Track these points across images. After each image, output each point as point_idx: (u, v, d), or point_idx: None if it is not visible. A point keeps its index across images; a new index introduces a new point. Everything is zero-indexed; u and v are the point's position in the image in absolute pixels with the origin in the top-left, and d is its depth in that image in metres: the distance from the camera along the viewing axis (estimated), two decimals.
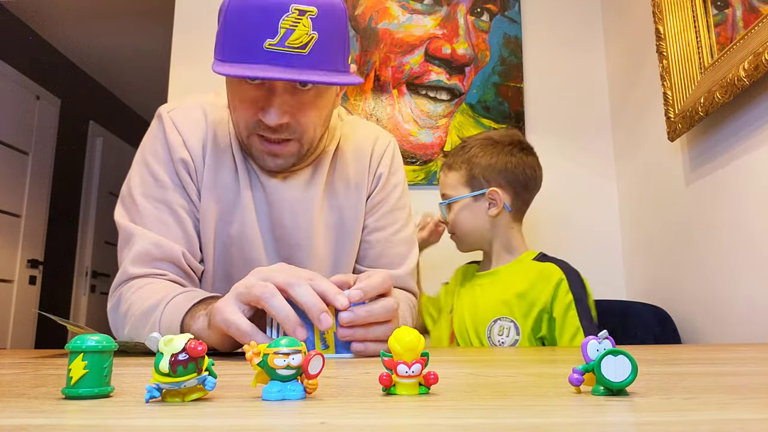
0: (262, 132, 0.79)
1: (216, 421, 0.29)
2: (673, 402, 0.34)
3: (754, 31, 1.04)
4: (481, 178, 1.21)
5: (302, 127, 0.79)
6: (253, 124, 0.79)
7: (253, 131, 0.80)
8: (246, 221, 0.86)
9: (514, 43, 1.86)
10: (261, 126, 0.78)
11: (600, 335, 0.38)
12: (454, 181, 1.24)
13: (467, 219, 1.23)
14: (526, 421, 0.29)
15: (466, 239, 1.26)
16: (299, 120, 0.78)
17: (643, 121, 1.60)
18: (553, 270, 1.13)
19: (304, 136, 0.80)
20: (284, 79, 0.71)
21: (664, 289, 1.48)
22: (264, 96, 0.76)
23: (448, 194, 1.25)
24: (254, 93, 0.77)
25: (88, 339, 0.35)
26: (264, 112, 0.76)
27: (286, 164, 0.83)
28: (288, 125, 0.78)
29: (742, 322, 1.14)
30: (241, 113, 0.79)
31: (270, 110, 0.75)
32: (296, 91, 0.77)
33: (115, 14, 3.27)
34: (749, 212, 1.11)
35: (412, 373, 0.36)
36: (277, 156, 0.81)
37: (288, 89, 0.76)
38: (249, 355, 0.35)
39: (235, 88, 0.79)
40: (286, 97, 0.76)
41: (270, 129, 0.78)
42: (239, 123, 0.81)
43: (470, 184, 1.22)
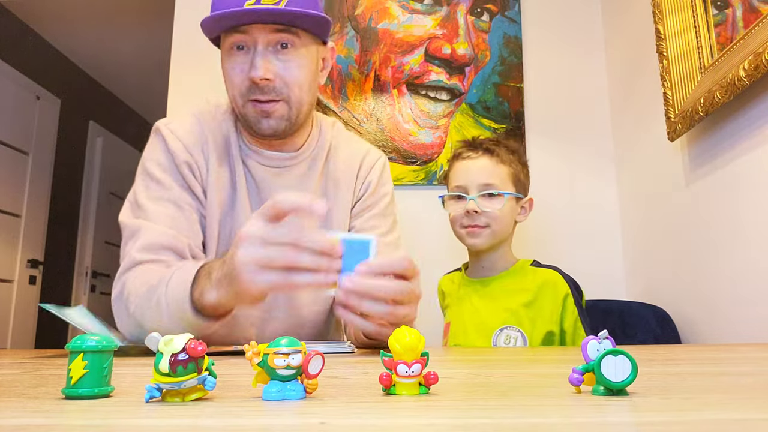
0: (255, 96, 0.87)
1: (216, 421, 0.29)
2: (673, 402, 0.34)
3: (754, 31, 1.04)
4: (523, 184, 1.24)
5: (288, 87, 0.88)
6: (246, 89, 0.87)
7: (246, 97, 0.88)
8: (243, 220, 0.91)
9: (514, 43, 1.86)
10: (252, 89, 0.87)
11: (600, 335, 0.38)
12: (505, 175, 1.21)
13: (508, 218, 1.21)
14: (526, 421, 0.29)
15: (496, 237, 1.20)
16: (284, 78, 0.87)
17: (643, 121, 1.60)
18: (557, 280, 1.17)
19: (291, 95, 0.88)
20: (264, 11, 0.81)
21: (664, 289, 1.48)
22: (249, 59, 0.86)
23: (496, 185, 1.19)
24: (242, 58, 0.87)
25: (88, 339, 0.36)
26: (252, 71, 0.85)
27: (278, 126, 0.89)
28: (273, 84, 0.86)
29: (742, 322, 1.14)
30: (234, 81, 0.88)
31: (255, 65, 0.85)
32: (277, 51, 0.87)
33: (115, 14, 3.27)
34: (749, 212, 1.11)
35: (412, 373, 0.36)
36: (269, 116, 0.88)
37: (269, 49, 0.86)
38: (249, 355, 0.35)
39: (226, 61, 0.89)
40: (269, 56, 0.86)
41: (259, 90, 0.86)
42: (235, 93, 0.89)
43: (516, 185, 1.22)
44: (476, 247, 1.21)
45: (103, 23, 3.38)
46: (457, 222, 1.22)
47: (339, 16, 1.89)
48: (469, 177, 1.20)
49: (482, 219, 1.18)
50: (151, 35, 3.37)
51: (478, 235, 1.19)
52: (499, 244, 1.22)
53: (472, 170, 1.20)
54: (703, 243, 1.28)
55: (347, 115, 1.82)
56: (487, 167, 1.20)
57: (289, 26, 0.86)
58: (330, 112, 1.83)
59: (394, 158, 1.80)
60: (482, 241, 1.19)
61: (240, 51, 0.87)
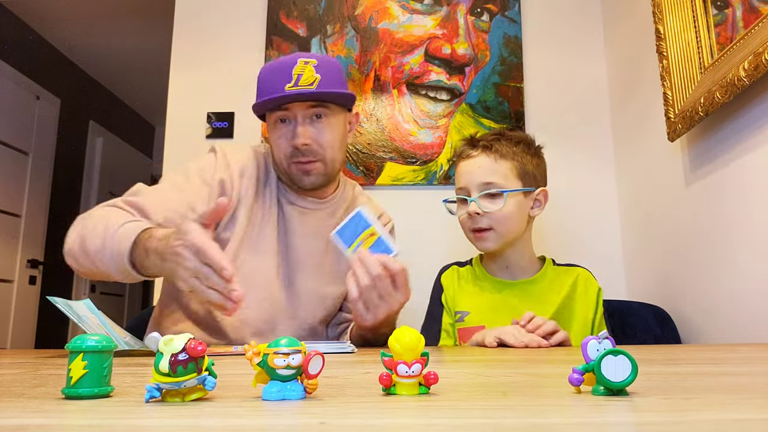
0: (297, 159, 1.05)
1: (216, 421, 0.29)
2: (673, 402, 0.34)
3: (754, 31, 1.04)
4: (532, 175, 1.16)
5: (323, 148, 1.06)
6: (290, 153, 1.05)
7: (291, 160, 1.06)
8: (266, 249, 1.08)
9: (514, 43, 1.86)
10: (295, 153, 1.05)
11: (600, 335, 0.38)
12: (506, 170, 1.14)
13: (516, 216, 1.14)
14: (526, 421, 0.29)
15: (504, 238, 1.14)
16: (319, 142, 1.06)
17: (643, 121, 1.60)
18: (588, 277, 1.17)
19: (326, 155, 1.07)
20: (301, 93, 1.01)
21: (664, 289, 1.48)
22: (291, 129, 1.05)
23: (497, 183, 1.13)
24: (285, 129, 1.06)
25: (87, 339, 0.36)
26: (294, 139, 1.04)
27: (317, 181, 1.08)
28: (311, 148, 1.05)
29: (742, 322, 1.14)
30: (279, 147, 1.06)
31: (297, 134, 1.04)
32: (313, 121, 1.06)
33: (115, 14, 3.27)
34: (749, 212, 1.11)
35: (412, 373, 0.36)
36: (309, 174, 1.06)
37: (306, 120, 1.05)
38: (249, 354, 0.35)
39: (272, 132, 1.08)
40: (307, 126, 1.05)
41: (301, 153, 1.04)
42: (280, 157, 1.07)
43: (522, 178, 1.14)
44: (487, 250, 1.18)
45: (103, 23, 3.38)
46: (465, 226, 1.18)
47: (339, 16, 1.89)
48: (469, 177, 1.16)
49: (485, 221, 1.13)
50: (151, 35, 3.37)
51: (485, 239, 1.14)
52: (514, 242, 1.17)
53: (471, 170, 1.16)
54: (703, 243, 1.28)
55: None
56: (485, 165, 1.14)
57: (321, 102, 1.05)
58: None
59: (394, 158, 1.80)
60: (490, 244, 1.15)
61: (283, 123, 1.06)
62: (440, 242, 1.73)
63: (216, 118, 1.88)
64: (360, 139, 1.82)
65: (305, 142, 1.03)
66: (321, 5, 1.90)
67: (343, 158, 1.13)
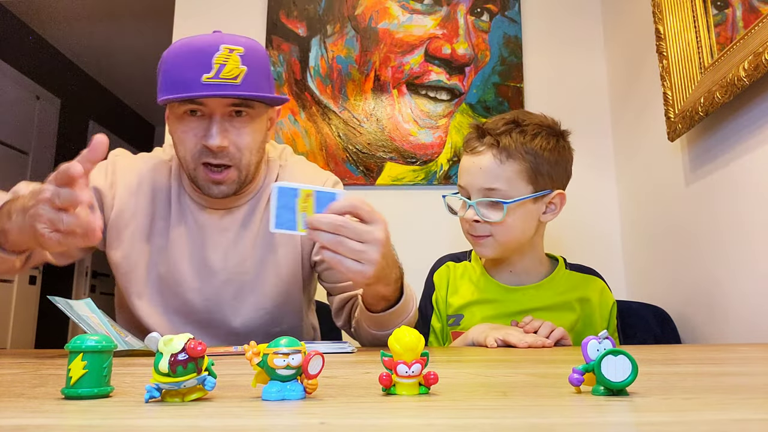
0: (206, 159, 0.89)
1: (216, 421, 0.29)
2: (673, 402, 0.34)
3: (754, 31, 1.04)
4: (547, 177, 1.02)
5: (240, 152, 0.90)
6: (198, 153, 0.89)
7: (198, 161, 0.90)
8: (176, 261, 0.96)
9: (514, 43, 1.86)
10: (204, 153, 0.89)
11: (600, 335, 0.38)
12: (513, 174, 1.00)
13: (519, 224, 1.02)
14: (526, 421, 0.29)
15: (505, 246, 1.04)
16: (237, 144, 0.89)
17: (643, 121, 1.60)
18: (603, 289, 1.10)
19: (242, 161, 0.91)
20: (225, 95, 0.84)
21: (664, 289, 1.48)
22: (205, 125, 0.88)
23: (501, 190, 1.00)
24: (196, 123, 0.89)
25: (87, 339, 0.35)
26: (207, 137, 0.87)
27: (229, 191, 0.92)
28: (227, 150, 0.89)
29: (742, 322, 1.14)
30: (185, 144, 0.90)
31: (212, 133, 0.87)
32: (232, 119, 0.89)
33: (115, 14, 3.27)
34: (749, 212, 1.11)
35: (412, 373, 0.36)
36: (220, 183, 0.91)
37: (225, 116, 0.88)
38: (249, 355, 0.35)
39: (178, 124, 0.91)
40: (225, 123, 0.88)
41: (212, 154, 0.88)
42: (185, 155, 0.91)
43: (534, 182, 1.01)
44: (486, 257, 1.09)
45: (103, 23, 3.38)
46: (463, 227, 1.08)
47: (339, 16, 1.89)
48: (469, 178, 1.03)
49: (484, 228, 1.02)
50: (151, 35, 3.37)
51: (483, 245, 1.04)
52: (519, 249, 1.07)
53: (474, 171, 1.02)
54: (703, 243, 1.28)
55: (347, 115, 1.82)
56: (489, 168, 1.00)
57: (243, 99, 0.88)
58: (330, 112, 1.83)
59: (394, 158, 1.80)
60: (489, 251, 1.04)
61: (193, 116, 0.89)
62: (440, 242, 1.72)
63: None
64: (360, 139, 1.82)
65: (221, 145, 0.87)
66: (321, 5, 1.90)
67: (261, 159, 0.97)
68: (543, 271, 1.11)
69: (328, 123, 1.82)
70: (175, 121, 0.92)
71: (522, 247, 1.07)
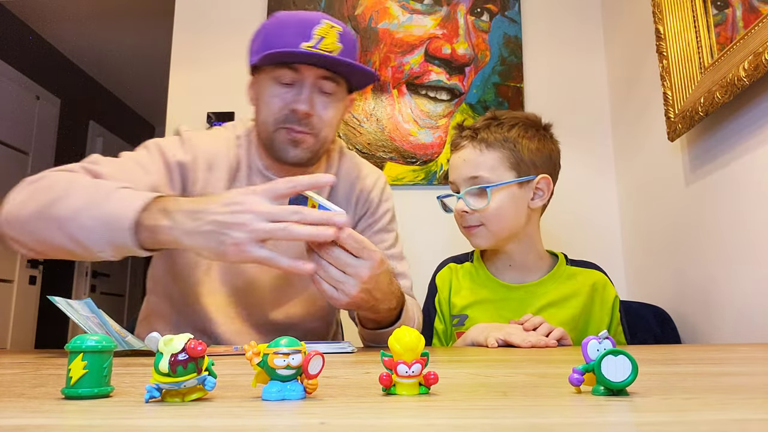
0: (289, 125, 0.93)
1: (216, 421, 0.29)
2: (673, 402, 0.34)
3: (754, 31, 1.04)
4: (529, 163, 1.05)
5: (321, 123, 0.94)
6: (283, 117, 0.93)
7: (280, 125, 0.94)
8: None
9: (514, 43, 1.86)
10: (290, 118, 0.93)
11: (600, 335, 0.38)
12: (494, 161, 1.04)
13: (508, 210, 1.04)
14: (526, 421, 0.29)
15: (498, 234, 1.05)
16: (320, 115, 0.94)
17: (643, 121, 1.60)
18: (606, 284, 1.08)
19: (321, 132, 0.95)
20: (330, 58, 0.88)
21: (664, 289, 1.48)
22: (294, 92, 0.93)
23: (484, 177, 1.03)
24: (285, 90, 0.93)
25: (87, 339, 0.35)
26: (296, 102, 0.92)
27: (304, 155, 0.95)
28: (311, 119, 0.93)
29: (742, 322, 1.14)
30: (271, 107, 0.94)
31: (302, 98, 0.92)
32: (320, 93, 0.94)
33: (115, 14, 3.27)
34: (749, 212, 1.11)
35: (412, 373, 0.36)
36: (298, 145, 0.94)
37: (315, 88, 0.93)
38: (249, 355, 0.35)
39: (266, 88, 0.94)
40: (314, 94, 0.93)
41: (297, 120, 0.92)
42: (268, 119, 0.95)
43: (516, 168, 1.04)
44: (480, 247, 1.10)
45: (103, 23, 3.38)
46: (457, 222, 1.11)
47: (339, 16, 1.89)
48: (456, 172, 1.08)
49: (474, 218, 1.05)
50: (151, 35, 3.37)
51: (476, 235, 1.07)
52: (515, 237, 1.07)
53: (458, 164, 1.07)
54: (703, 243, 1.28)
55: (347, 115, 1.82)
56: (470, 158, 1.05)
57: (335, 74, 0.93)
58: None
59: (394, 158, 1.80)
60: (483, 241, 1.07)
61: (284, 84, 0.93)
62: (441, 242, 1.72)
63: (216, 118, 1.88)
64: (360, 139, 1.82)
65: (309, 112, 0.92)
66: (321, 5, 1.90)
67: (333, 138, 1.03)
68: (544, 267, 1.11)
69: None
70: (264, 87, 0.95)
71: (516, 235, 1.08)
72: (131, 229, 0.70)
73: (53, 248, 0.77)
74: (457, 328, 1.10)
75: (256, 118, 0.99)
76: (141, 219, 0.70)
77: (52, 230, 0.74)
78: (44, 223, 0.75)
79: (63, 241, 0.74)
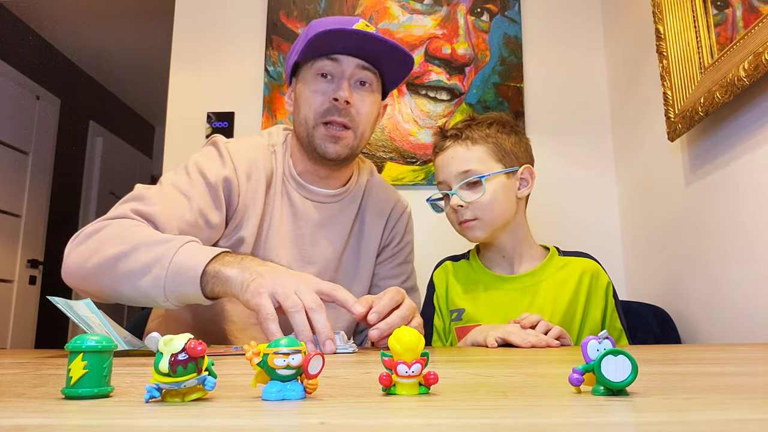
0: (331, 117, 0.97)
1: (216, 421, 0.29)
2: (673, 402, 0.34)
3: (754, 31, 1.04)
4: (512, 154, 1.10)
5: (359, 116, 0.99)
6: (323, 111, 0.97)
7: (320, 120, 0.98)
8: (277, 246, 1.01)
9: (514, 43, 1.86)
10: (330, 110, 0.97)
11: (600, 335, 0.38)
12: (482, 154, 1.09)
13: (501, 199, 1.08)
14: (526, 421, 0.29)
15: (493, 224, 1.09)
16: (359, 108, 0.99)
17: (643, 121, 1.60)
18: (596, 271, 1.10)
19: (359, 126, 1.00)
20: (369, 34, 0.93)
21: (664, 289, 1.48)
22: (334, 85, 0.98)
23: (475, 169, 1.08)
24: (326, 85, 0.98)
25: (87, 339, 0.35)
26: (336, 91, 0.96)
27: (343, 152, 0.99)
28: (350, 110, 0.97)
29: (742, 322, 1.14)
30: (312, 103, 0.98)
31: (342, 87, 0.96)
32: (359, 87, 0.99)
33: (116, 14, 3.27)
34: (749, 212, 1.11)
35: (412, 373, 0.36)
36: (337, 141, 0.98)
37: (352, 81, 0.98)
38: (249, 355, 0.35)
39: (307, 85, 0.99)
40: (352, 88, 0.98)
41: (337, 111, 0.97)
42: (309, 114, 0.99)
43: (502, 160, 1.09)
44: (477, 240, 1.13)
45: (103, 23, 3.38)
46: (451, 220, 1.14)
47: None
48: (446, 170, 1.11)
49: (469, 212, 1.08)
50: (151, 35, 3.37)
51: (472, 228, 1.09)
52: (506, 226, 1.11)
53: (447, 162, 1.11)
54: (704, 243, 1.28)
55: None
56: (459, 154, 1.10)
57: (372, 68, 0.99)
58: None
59: (394, 158, 1.80)
60: (479, 233, 1.10)
61: (323, 79, 0.98)
62: (440, 242, 1.72)
63: (216, 118, 1.88)
64: None
65: (348, 99, 0.96)
66: (321, 5, 1.90)
67: (369, 138, 1.06)
68: (536, 258, 1.14)
69: None
70: (305, 85, 1.00)
71: (508, 224, 1.12)
72: (197, 280, 0.77)
73: (117, 298, 0.83)
74: (455, 323, 1.12)
75: (295, 119, 1.03)
76: (206, 270, 0.77)
77: (120, 284, 0.81)
78: (109, 278, 0.81)
79: (130, 293, 0.81)
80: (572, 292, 1.08)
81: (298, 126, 1.02)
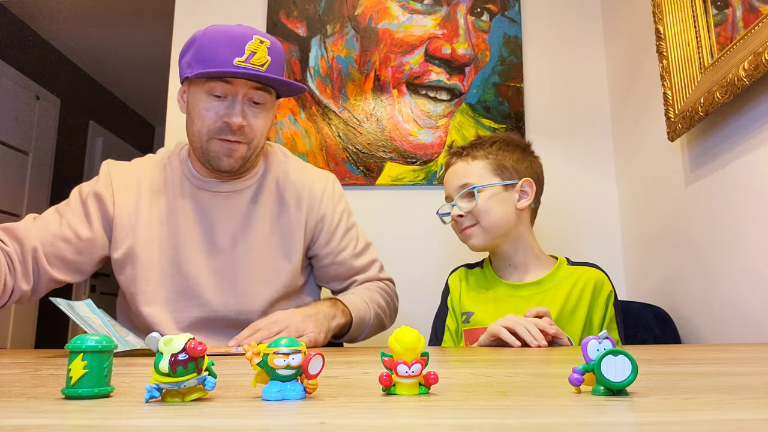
0: (222, 136, 1.01)
1: (216, 421, 0.29)
2: (673, 402, 0.34)
3: (754, 31, 1.04)
4: (512, 169, 1.18)
5: (253, 132, 1.02)
6: (216, 129, 1.00)
7: (213, 136, 1.01)
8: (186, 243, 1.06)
9: (514, 43, 1.86)
10: (224, 130, 1.00)
11: (600, 335, 0.38)
12: (480, 169, 1.17)
13: (497, 208, 1.15)
14: (526, 421, 0.29)
15: (490, 232, 1.16)
16: (252, 125, 1.02)
17: (643, 121, 1.60)
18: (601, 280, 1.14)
19: (253, 141, 1.03)
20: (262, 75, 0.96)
21: (664, 289, 1.48)
22: (227, 104, 1.00)
23: (472, 182, 1.16)
24: (218, 103, 1.00)
25: (87, 339, 0.35)
26: (229, 115, 0.99)
27: (236, 164, 1.04)
28: (243, 129, 1.01)
29: (742, 322, 1.14)
30: (205, 119, 1.00)
31: (235, 112, 0.99)
32: (251, 105, 1.02)
33: (116, 14, 3.27)
34: (749, 212, 1.11)
35: (412, 373, 0.36)
36: (231, 155, 1.02)
37: (246, 101, 1.00)
38: (249, 355, 0.35)
39: (200, 101, 1.01)
40: (245, 107, 1.01)
41: (231, 131, 1.00)
42: (201, 130, 1.01)
43: (500, 174, 1.17)
44: (477, 247, 1.19)
45: (104, 23, 3.37)
46: (455, 230, 1.22)
47: (339, 16, 1.89)
48: (449, 185, 1.21)
49: (467, 220, 1.17)
50: (151, 35, 3.36)
51: (471, 236, 1.17)
52: (508, 236, 1.17)
53: (450, 177, 1.22)
54: (703, 243, 1.28)
55: (347, 115, 1.82)
56: (459, 170, 1.20)
57: (266, 87, 1.01)
58: (330, 112, 1.83)
59: (394, 158, 1.80)
60: (478, 240, 1.17)
61: (216, 98, 1.00)
62: (440, 242, 1.73)
63: None
64: (360, 139, 1.82)
65: (242, 123, 0.99)
66: (321, 5, 1.90)
67: (264, 144, 1.10)
68: (545, 267, 1.19)
69: (328, 123, 1.82)
70: (198, 98, 1.01)
71: (508, 234, 1.18)
72: None
73: None
74: (464, 326, 1.18)
75: (189, 129, 1.05)
76: None
77: None
78: None
79: None
80: (576, 299, 1.12)
81: (192, 137, 1.05)
